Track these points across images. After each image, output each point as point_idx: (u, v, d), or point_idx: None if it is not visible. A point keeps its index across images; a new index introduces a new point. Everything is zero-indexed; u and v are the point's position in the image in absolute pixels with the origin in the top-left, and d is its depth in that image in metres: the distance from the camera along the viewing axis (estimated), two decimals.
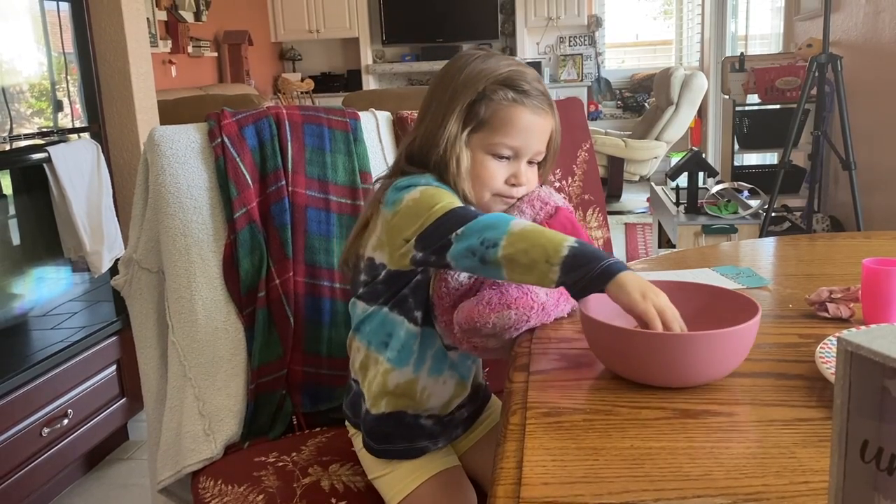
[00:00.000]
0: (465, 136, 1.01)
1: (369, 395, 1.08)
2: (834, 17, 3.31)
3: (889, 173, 3.03)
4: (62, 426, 1.96)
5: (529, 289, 0.96)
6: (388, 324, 1.06)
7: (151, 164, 1.29)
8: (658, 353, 0.78)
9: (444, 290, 1.01)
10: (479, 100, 1.00)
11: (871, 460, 0.50)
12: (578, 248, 0.85)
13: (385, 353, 1.06)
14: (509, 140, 1.01)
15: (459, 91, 1.01)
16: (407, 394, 1.07)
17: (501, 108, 1.01)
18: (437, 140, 1.01)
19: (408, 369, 1.06)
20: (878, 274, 0.95)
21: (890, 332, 0.49)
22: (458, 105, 1.01)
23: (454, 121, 1.01)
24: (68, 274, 2.12)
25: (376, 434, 1.09)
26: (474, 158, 1.02)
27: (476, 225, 0.90)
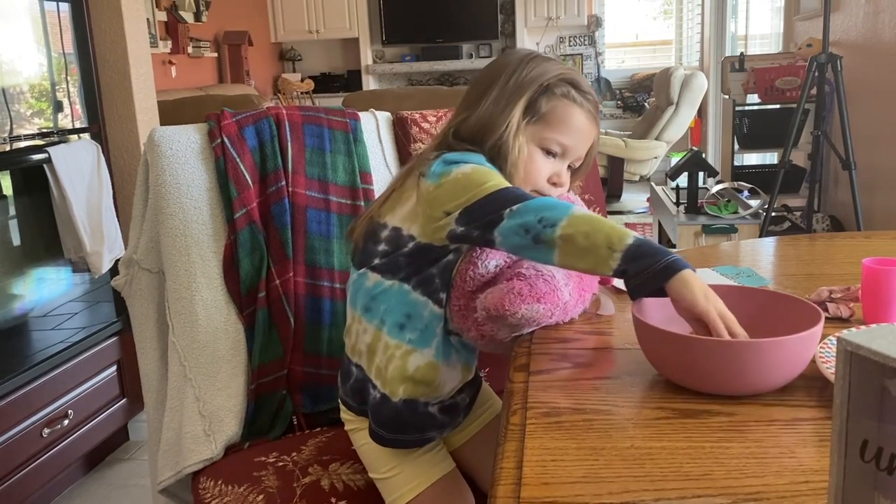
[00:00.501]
0: (524, 126, 1.04)
1: (384, 381, 1.04)
2: (834, 16, 3.31)
3: (889, 173, 3.03)
4: (63, 427, 1.96)
5: (556, 285, 0.95)
6: (409, 303, 1.02)
7: (151, 164, 1.29)
8: (723, 359, 0.75)
9: (471, 274, 1.00)
10: (542, 94, 1.03)
11: (870, 460, 0.50)
12: (643, 240, 0.84)
13: (403, 334, 1.02)
14: (562, 137, 1.04)
15: (526, 82, 1.03)
16: (426, 380, 1.03)
17: (560, 105, 1.04)
18: (498, 125, 1.02)
19: (429, 351, 1.02)
20: (878, 274, 0.95)
21: (890, 332, 0.49)
22: (524, 94, 1.03)
23: (518, 109, 1.03)
24: (68, 274, 2.12)
25: (391, 423, 1.05)
26: (527, 153, 1.04)
27: (534, 203, 0.90)
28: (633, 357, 0.89)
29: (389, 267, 1.03)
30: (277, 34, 7.28)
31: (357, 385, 1.09)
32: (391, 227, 1.03)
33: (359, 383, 1.08)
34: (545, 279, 0.95)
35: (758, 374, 0.75)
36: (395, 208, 1.03)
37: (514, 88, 1.03)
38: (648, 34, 7.80)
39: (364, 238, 1.06)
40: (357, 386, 1.09)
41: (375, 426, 1.06)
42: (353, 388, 1.10)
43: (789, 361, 0.76)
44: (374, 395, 1.06)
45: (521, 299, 0.92)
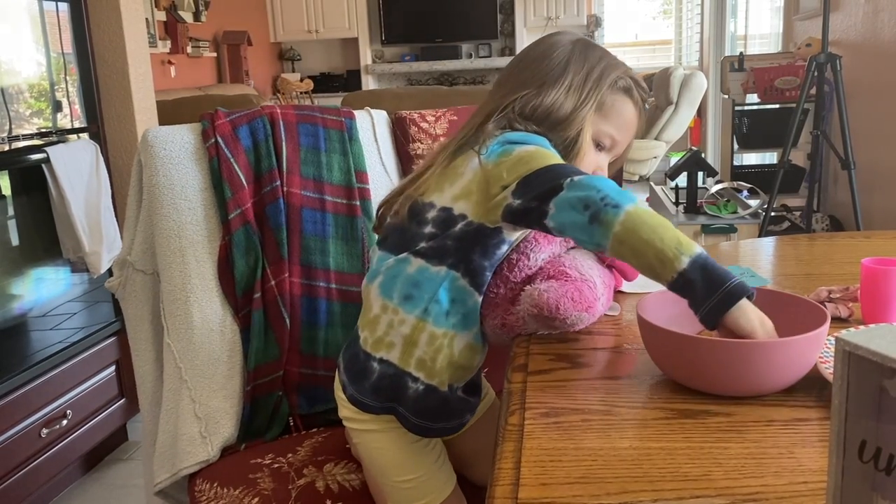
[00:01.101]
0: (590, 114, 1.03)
1: (430, 372, 0.97)
2: (833, 16, 3.30)
3: (888, 173, 3.03)
4: (61, 427, 1.95)
5: (597, 295, 0.94)
6: (456, 290, 0.97)
7: (145, 165, 1.29)
8: (729, 360, 0.74)
9: (520, 265, 0.98)
10: (610, 86, 1.04)
11: (869, 460, 0.50)
12: (709, 257, 0.79)
13: (448, 320, 0.97)
14: (615, 131, 1.05)
15: (605, 75, 1.03)
16: (468, 364, 1.00)
17: (620, 100, 1.05)
18: (571, 116, 1.01)
19: (469, 334, 0.99)
20: (877, 273, 0.95)
21: (888, 332, 0.49)
22: (601, 90, 1.03)
23: (593, 105, 1.03)
24: (67, 274, 2.12)
25: (435, 412, 0.99)
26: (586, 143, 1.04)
27: (598, 180, 0.86)
28: (631, 357, 0.89)
29: (436, 251, 0.96)
30: (277, 34, 7.28)
31: (384, 382, 0.99)
32: (439, 208, 0.97)
33: (387, 379, 0.99)
34: (589, 287, 0.94)
35: (764, 375, 0.75)
36: (444, 187, 0.98)
37: (593, 83, 1.03)
38: (648, 34, 7.80)
39: (407, 219, 1.00)
40: (384, 383, 0.99)
41: (417, 418, 0.99)
42: (377, 386, 0.99)
43: (795, 362, 0.76)
44: (414, 388, 0.98)
45: (573, 305, 0.91)
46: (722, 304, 0.76)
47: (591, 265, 0.99)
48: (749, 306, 0.77)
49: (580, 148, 1.02)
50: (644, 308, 0.83)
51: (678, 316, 0.87)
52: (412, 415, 0.99)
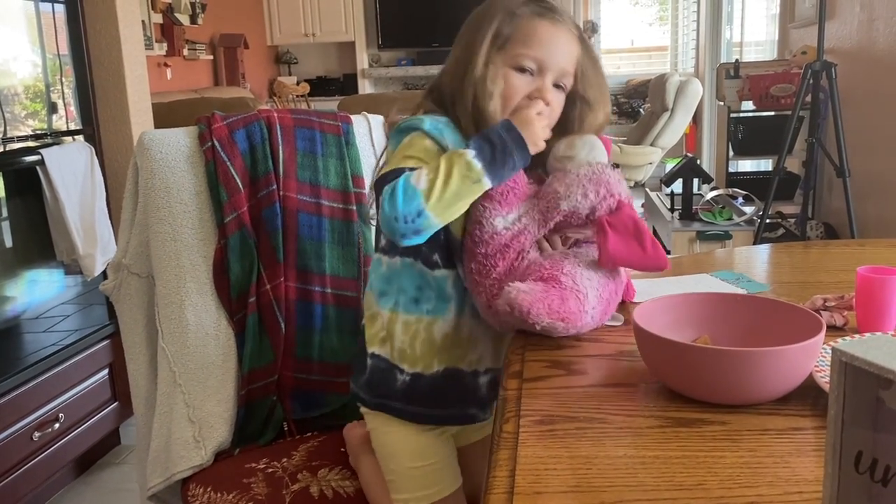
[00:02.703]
0: (494, 55, 1.03)
1: (413, 360, 1.03)
2: (828, 24, 3.32)
3: (883, 181, 3.04)
4: (53, 430, 1.94)
5: (583, 308, 0.93)
6: (417, 275, 1.03)
7: (141, 168, 1.28)
8: (723, 368, 0.74)
9: (479, 235, 0.98)
10: (505, 20, 1.03)
11: (865, 471, 0.50)
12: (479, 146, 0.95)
13: (420, 307, 1.03)
14: (530, 51, 1.02)
15: (488, 16, 1.04)
16: (457, 343, 1.03)
17: (523, 22, 1.03)
18: (473, 67, 1.02)
19: (450, 316, 1.03)
20: (872, 282, 0.95)
21: (884, 343, 0.49)
22: (488, 29, 1.03)
23: (487, 43, 1.02)
24: (61, 277, 2.11)
25: (427, 398, 1.04)
26: (500, 76, 1.03)
27: (400, 199, 0.93)
28: (626, 365, 0.89)
29: (390, 244, 1.04)
30: (273, 37, 7.28)
31: (375, 376, 1.06)
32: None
33: (378, 374, 1.05)
34: (577, 297, 0.93)
35: (759, 384, 0.75)
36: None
37: (477, 28, 1.04)
38: (644, 40, 7.82)
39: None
40: (375, 378, 1.06)
41: (410, 405, 1.04)
42: (370, 381, 1.07)
43: (791, 371, 0.76)
44: (402, 379, 1.04)
45: (547, 313, 0.90)
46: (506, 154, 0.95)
47: (591, 276, 0.97)
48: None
49: (496, 88, 1.01)
50: (639, 315, 0.83)
51: (674, 323, 0.87)
52: (404, 404, 1.04)
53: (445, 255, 1.03)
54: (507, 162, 0.95)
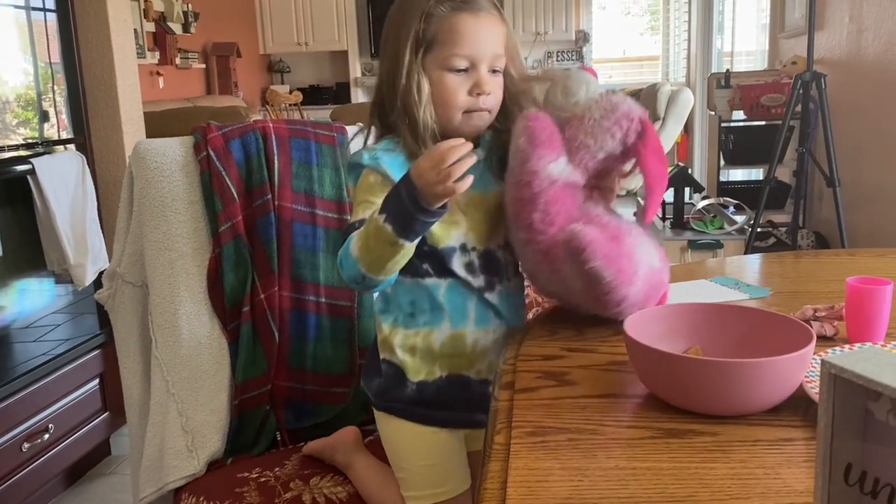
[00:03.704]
0: (420, 61, 1.00)
1: (416, 370, 1.06)
2: (818, 35, 3.34)
3: (872, 190, 3.06)
4: (43, 441, 1.93)
5: (632, 275, 0.94)
6: (408, 290, 1.05)
7: (136, 177, 1.29)
8: (714, 378, 0.74)
9: (538, 186, 0.97)
10: (423, 23, 1.00)
11: (854, 483, 0.50)
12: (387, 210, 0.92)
13: (416, 320, 1.05)
14: (459, 49, 1.00)
15: (404, 22, 1.01)
16: (458, 351, 1.05)
17: (444, 21, 1.00)
18: (398, 77, 1.00)
19: (446, 324, 1.04)
20: (862, 292, 0.96)
21: (873, 355, 0.49)
22: (408, 35, 1.00)
23: (408, 51, 1.00)
24: (52, 286, 2.10)
25: (433, 400, 1.06)
26: (432, 81, 1.01)
27: (344, 259, 0.97)
28: (618, 376, 0.89)
29: None
30: (266, 46, 7.29)
31: (386, 383, 1.08)
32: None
33: (389, 380, 1.07)
34: (631, 262, 0.94)
35: (750, 394, 0.75)
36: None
37: (396, 35, 1.02)
38: (635, 50, 7.87)
39: None
40: (386, 383, 1.08)
41: (419, 409, 1.06)
42: (381, 386, 1.09)
43: (781, 382, 0.76)
44: (410, 387, 1.06)
45: (603, 256, 0.91)
46: (409, 211, 0.90)
47: (648, 254, 0.98)
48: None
49: (429, 94, 1.00)
50: (630, 325, 0.83)
51: (665, 333, 0.87)
52: (413, 407, 1.06)
53: (436, 265, 1.04)
54: (413, 222, 0.90)
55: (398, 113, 1.01)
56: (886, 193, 2.93)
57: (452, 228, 1.04)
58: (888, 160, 2.92)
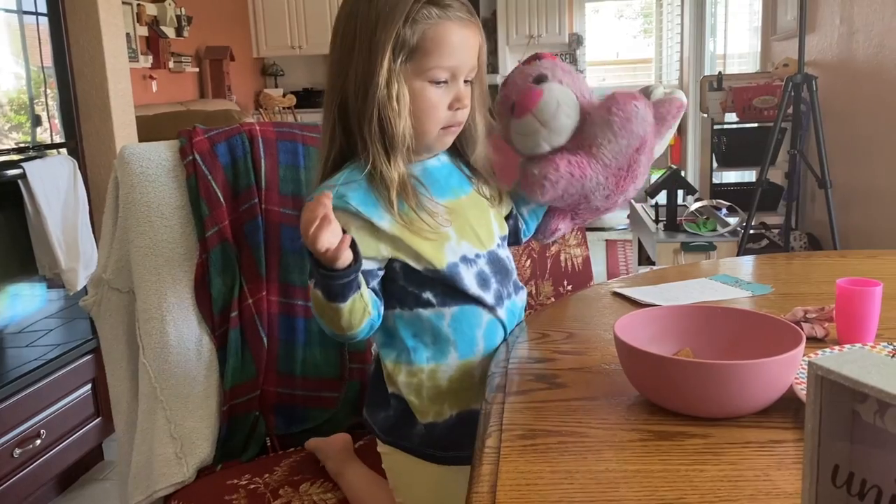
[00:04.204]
0: (399, 69, 0.92)
1: (424, 411, 1.00)
2: (809, 37, 3.36)
3: (864, 192, 3.07)
4: (35, 446, 1.92)
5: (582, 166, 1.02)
6: (409, 324, 1.00)
7: (122, 182, 1.28)
8: (703, 381, 0.74)
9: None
10: (406, 26, 0.92)
11: (842, 485, 0.50)
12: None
13: (419, 356, 1.00)
14: (443, 61, 0.94)
15: (383, 23, 0.91)
16: (467, 386, 0.99)
17: (430, 28, 0.92)
18: (375, 84, 0.91)
19: (453, 358, 0.99)
20: (852, 294, 0.96)
21: (860, 357, 0.49)
22: (388, 39, 0.91)
23: (387, 57, 0.91)
24: (43, 291, 2.09)
25: (443, 442, 1.00)
26: (412, 92, 0.94)
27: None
28: (609, 378, 0.89)
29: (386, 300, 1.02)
30: (259, 49, 7.28)
31: (395, 419, 1.03)
32: None
33: (399, 417, 1.02)
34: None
35: (739, 396, 0.75)
36: None
37: (371, 34, 0.91)
38: (629, 52, 7.88)
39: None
40: (396, 419, 1.03)
41: (430, 450, 1.01)
42: (390, 421, 1.03)
43: (771, 383, 0.76)
44: (419, 428, 1.02)
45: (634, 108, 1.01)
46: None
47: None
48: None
49: (408, 106, 0.93)
50: (621, 328, 0.83)
51: (656, 336, 0.87)
52: (423, 447, 1.02)
53: (441, 291, 0.99)
54: (330, 285, 0.89)
55: (370, 122, 0.93)
56: (878, 194, 2.94)
57: (443, 243, 0.99)
58: (879, 161, 2.93)
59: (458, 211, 1.02)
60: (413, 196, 0.96)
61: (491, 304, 1.02)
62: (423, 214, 0.96)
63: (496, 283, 1.03)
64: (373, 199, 0.96)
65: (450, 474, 1.01)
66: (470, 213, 1.04)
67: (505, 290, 1.05)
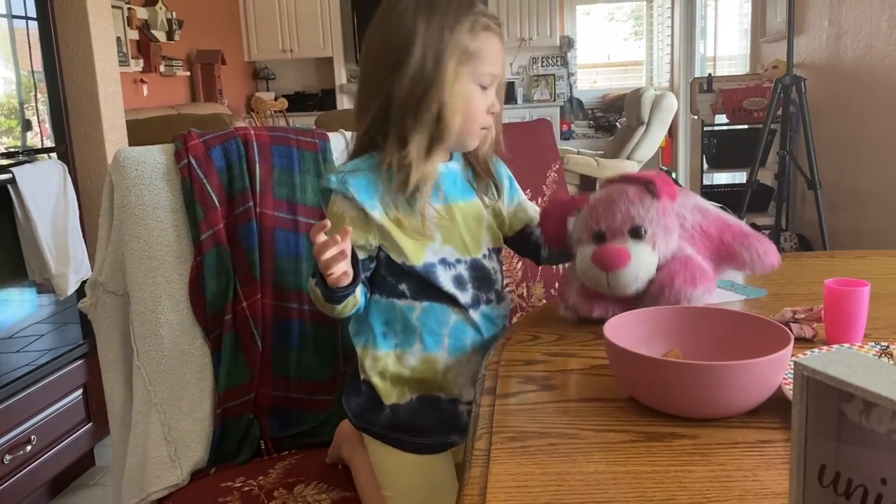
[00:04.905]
0: (459, 70, 1.02)
1: (388, 392, 1.06)
2: (798, 39, 3.38)
3: (853, 192, 3.09)
4: (25, 453, 1.91)
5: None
6: (383, 310, 1.06)
7: (117, 185, 1.28)
8: (692, 381, 0.75)
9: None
10: (468, 34, 1.02)
11: (829, 485, 0.50)
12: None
13: (389, 341, 1.06)
14: (490, 68, 1.04)
15: (449, 29, 1.01)
16: (429, 375, 1.06)
17: (483, 39, 1.03)
18: (439, 80, 1.00)
19: (419, 347, 1.05)
20: (840, 294, 0.97)
21: (845, 357, 0.50)
22: (456, 43, 1.00)
23: (454, 58, 1.01)
24: (33, 296, 2.09)
25: (409, 426, 1.06)
26: (466, 93, 1.03)
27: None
28: (599, 380, 0.89)
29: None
30: (251, 53, 7.27)
31: (365, 403, 1.08)
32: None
33: (368, 401, 1.08)
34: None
35: (728, 397, 0.75)
36: None
37: (438, 38, 1.00)
38: (620, 55, 7.90)
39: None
40: (365, 404, 1.08)
41: (396, 434, 1.06)
42: (360, 407, 1.09)
43: (759, 384, 0.77)
44: (385, 411, 1.07)
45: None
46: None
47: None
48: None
49: (459, 106, 1.01)
50: (610, 329, 0.84)
51: (645, 337, 0.88)
52: (389, 431, 1.06)
53: (415, 286, 1.05)
54: (331, 292, 0.99)
55: (425, 116, 1.00)
56: (867, 195, 2.96)
57: (426, 244, 1.04)
58: (868, 162, 2.95)
59: (450, 215, 1.06)
60: (421, 196, 1.02)
61: (465, 304, 1.06)
62: (417, 216, 1.02)
63: (473, 288, 1.08)
64: (372, 188, 1.03)
65: (421, 464, 1.06)
66: (462, 220, 1.08)
67: (484, 296, 1.09)
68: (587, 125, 7.56)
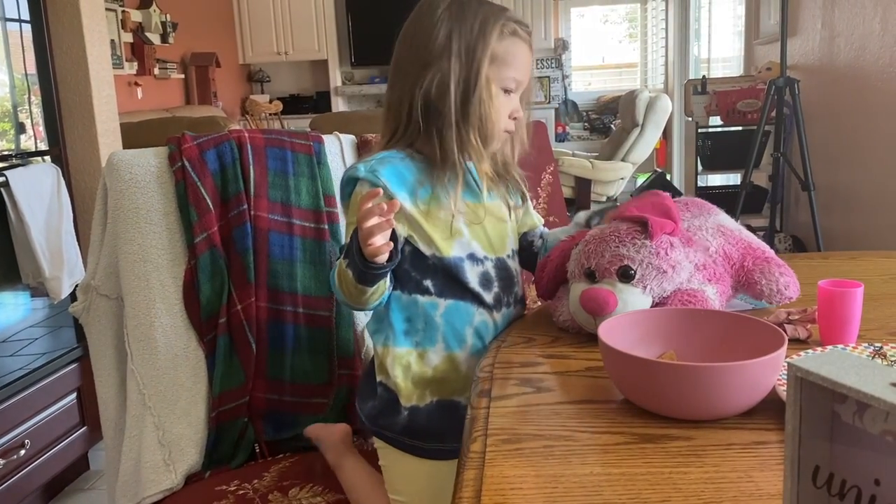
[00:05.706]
0: (490, 75, 1.03)
1: (408, 394, 1.04)
2: (791, 41, 3.39)
3: (846, 194, 3.10)
4: (19, 457, 1.90)
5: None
6: (405, 307, 1.05)
7: (110, 188, 1.28)
8: (686, 383, 0.75)
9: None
10: (498, 38, 1.04)
11: (822, 486, 0.50)
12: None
13: (410, 339, 1.04)
14: (517, 73, 1.05)
15: (481, 34, 1.03)
16: (451, 377, 1.04)
17: (512, 43, 1.05)
18: (477, 84, 1.02)
19: (440, 346, 1.04)
20: (833, 295, 0.97)
21: (838, 358, 0.50)
22: (486, 47, 1.02)
23: (486, 62, 1.02)
24: (27, 299, 2.08)
25: (425, 431, 1.04)
26: (493, 95, 1.05)
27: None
28: (593, 382, 0.89)
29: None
30: (245, 55, 7.26)
31: (380, 406, 1.07)
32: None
33: (384, 404, 1.06)
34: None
35: (722, 398, 0.76)
36: None
37: (472, 42, 1.03)
38: (614, 57, 7.91)
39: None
40: (381, 407, 1.07)
41: (413, 440, 1.05)
42: (376, 410, 1.07)
43: (754, 385, 0.77)
44: (403, 413, 1.05)
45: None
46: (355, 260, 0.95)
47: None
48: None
49: (487, 103, 1.03)
50: (605, 331, 0.84)
51: (640, 339, 0.88)
52: (407, 438, 1.04)
53: (441, 281, 1.03)
54: (365, 272, 0.95)
55: (470, 119, 1.02)
56: (860, 196, 2.97)
57: (455, 237, 1.04)
58: (861, 164, 2.96)
59: (477, 213, 1.07)
60: (455, 189, 1.03)
61: (490, 304, 1.06)
62: (447, 209, 1.03)
63: (498, 288, 1.07)
64: (401, 179, 1.03)
65: (436, 470, 1.04)
66: (488, 219, 1.08)
67: (506, 298, 1.09)
68: (582, 127, 7.57)
